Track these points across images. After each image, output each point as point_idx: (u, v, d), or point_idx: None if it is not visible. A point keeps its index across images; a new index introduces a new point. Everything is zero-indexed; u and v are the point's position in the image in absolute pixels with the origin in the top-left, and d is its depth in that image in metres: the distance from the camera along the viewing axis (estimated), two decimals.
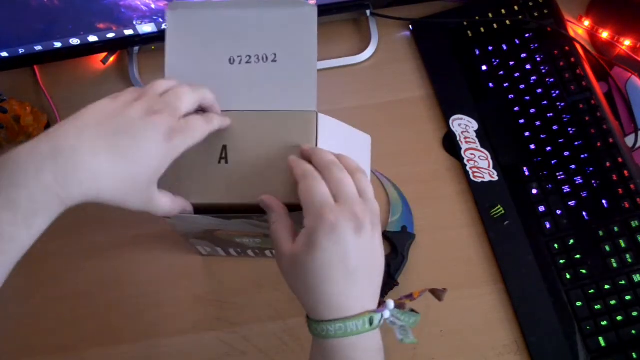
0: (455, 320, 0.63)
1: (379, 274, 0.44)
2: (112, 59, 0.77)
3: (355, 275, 0.41)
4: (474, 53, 0.73)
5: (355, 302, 0.41)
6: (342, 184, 0.42)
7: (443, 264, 0.65)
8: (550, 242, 0.65)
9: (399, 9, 0.76)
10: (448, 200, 0.68)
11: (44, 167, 0.36)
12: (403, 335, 0.47)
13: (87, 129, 0.40)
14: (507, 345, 0.62)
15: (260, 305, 0.64)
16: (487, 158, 0.69)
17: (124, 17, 0.65)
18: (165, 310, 0.65)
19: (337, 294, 0.41)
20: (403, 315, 0.45)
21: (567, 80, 0.71)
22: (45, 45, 0.67)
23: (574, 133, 0.68)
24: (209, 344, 0.63)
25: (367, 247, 0.42)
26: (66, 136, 0.39)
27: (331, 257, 0.40)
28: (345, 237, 0.40)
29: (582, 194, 0.66)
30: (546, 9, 0.74)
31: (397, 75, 0.74)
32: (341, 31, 0.77)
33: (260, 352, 0.63)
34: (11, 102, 0.71)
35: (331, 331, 0.40)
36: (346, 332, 0.40)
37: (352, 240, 0.41)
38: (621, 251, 0.64)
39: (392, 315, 0.44)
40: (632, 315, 0.61)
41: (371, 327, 0.41)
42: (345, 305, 0.41)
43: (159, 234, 0.68)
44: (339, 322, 0.40)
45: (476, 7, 0.76)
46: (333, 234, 0.40)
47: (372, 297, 0.43)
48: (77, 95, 0.75)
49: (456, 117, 0.71)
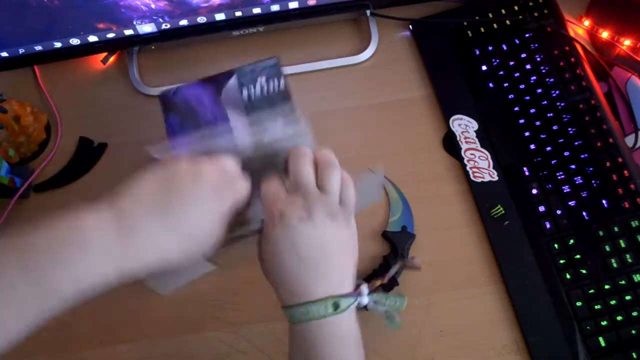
0: (455, 320, 0.63)
1: (345, 261, 0.45)
2: (112, 59, 0.77)
3: (310, 262, 0.43)
4: (474, 53, 0.73)
5: (316, 287, 0.43)
6: (299, 175, 0.45)
7: (443, 264, 0.65)
8: (550, 242, 0.65)
9: (399, 9, 0.76)
10: (448, 200, 0.68)
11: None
12: (388, 321, 0.49)
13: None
14: (507, 345, 0.62)
15: (260, 305, 0.64)
16: (487, 158, 0.69)
17: (124, 17, 0.65)
18: (166, 310, 0.65)
19: (295, 280, 0.43)
20: (388, 299, 0.47)
21: (567, 80, 0.71)
22: (45, 45, 0.67)
23: (574, 133, 0.68)
24: (209, 344, 0.63)
25: (318, 235, 0.43)
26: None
27: (283, 245, 0.43)
28: (292, 226, 0.43)
29: (582, 194, 0.66)
30: (546, 9, 0.74)
31: (397, 75, 0.74)
32: (341, 31, 0.77)
33: (260, 352, 0.63)
34: (11, 102, 0.71)
35: (296, 315, 0.42)
36: (309, 316, 0.42)
37: (301, 229, 0.43)
38: (621, 251, 0.64)
39: (374, 301, 0.46)
40: (632, 315, 0.61)
41: (336, 312, 0.42)
42: (307, 291, 0.43)
43: None
44: (302, 307, 0.42)
45: (476, 7, 0.76)
46: (281, 223, 0.43)
47: (337, 283, 0.44)
48: (77, 95, 0.75)
49: (456, 117, 0.71)
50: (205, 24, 0.69)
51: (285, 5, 0.69)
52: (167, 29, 0.69)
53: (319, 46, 0.76)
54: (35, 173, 0.71)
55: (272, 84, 0.53)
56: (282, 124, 0.51)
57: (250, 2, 0.67)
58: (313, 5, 0.70)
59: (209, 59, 0.76)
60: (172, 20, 0.68)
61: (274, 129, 0.51)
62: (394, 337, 0.63)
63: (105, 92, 0.76)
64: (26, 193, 0.70)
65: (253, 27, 0.72)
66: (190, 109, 0.52)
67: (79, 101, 0.75)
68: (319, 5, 0.70)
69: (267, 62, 0.53)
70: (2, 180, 0.66)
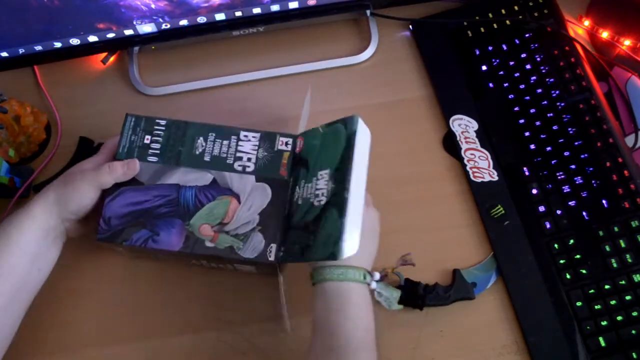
0: (455, 320, 0.63)
1: (374, 244, 0.57)
2: (112, 59, 0.77)
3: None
4: (474, 53, 0.73)
5: (355, 259, 0.50)
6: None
7: (443, 264, 0.65)
8: (550, 242, 0.65)
9: (399, 9, 0.76)
10: (448, 200, 0.68)
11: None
12: (388, 304, 0.60)
13: None
14: (507, 345, 0.62)
15: (260, 305, 0.64)
16: (487, 158, 0.69)
17: (124, 17, 0.65)
18: (165, 310, 0.65)
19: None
20: (387, 289, 0.60)
21: (567, 80, 0.71)
22: (45, 45, 0.67)
23: (574, 133, 0.68)
24: (209, 344, 0.63)
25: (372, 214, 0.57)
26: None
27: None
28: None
29: (582, 194, 0.66)
30: (546, 9, 0.74)
31: (397, 75, 0.74)
32: (341, 31, 0.77)
33: (260, 352, 0.63)
34: (11, 102, 0.71)
35: (334, 274, 0.52)
36: (347, 277, 0.52)
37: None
38: (621, 251, 0.64)
39: (378, 288, 0.58)
40: (632, 315, 0.61)
41: (364, 281, 0.53)
42: (348, 259, 0.49)
43: None
44: (341, 268, 0.52)
45: (476, 7, 0.76)
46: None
47: (367, 261, 0.55)
48: (77, 95, 0.75)
49: (456, 117, 0.71)
50: (205, 24, 0.69)
51: (285, 5, 0.69)
52: (167, 29, 0.69)
53: (319, 46, 0.76)
54: (35, 173, 0.70)
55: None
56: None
57: (250, 2, 0.67)
58: (313, 5, 0.70)
59: (209, 59, 0.76)
60: (172, 20, 0.68)
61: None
62: (394, 337, 0.63)
63: (105, 92, 0.76)
64: (26, 193, 0.69)
65: (253, 27, 0.72)
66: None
67: (79, 101, 0.75)
68: (319, 5, 0.70)
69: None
70: (2, 180, 0.66)
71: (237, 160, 0.58)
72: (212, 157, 0.58)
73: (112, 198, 0.57)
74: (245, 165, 0.58)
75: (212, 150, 0.58)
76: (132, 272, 0.66)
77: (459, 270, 0.64)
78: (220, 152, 0.58)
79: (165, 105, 0.74)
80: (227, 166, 0.58)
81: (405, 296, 0.61)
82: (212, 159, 0.58)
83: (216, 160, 0.58)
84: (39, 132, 0.72)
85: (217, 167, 0.58)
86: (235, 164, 0.58)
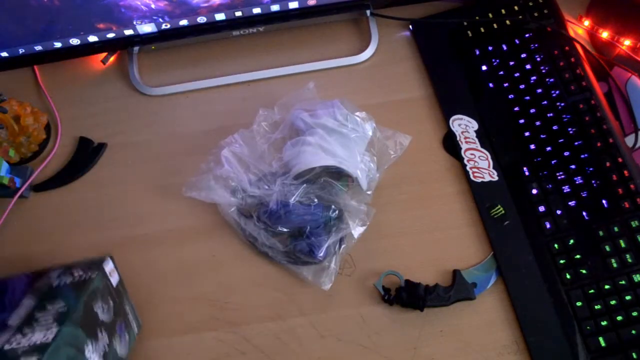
0: (455, 320, 0.63)
1: None
2: (112, 59, 0.77)
3: None
4: (474, 53, 0.73)
5: None
6: None
7: (443, 263, 0.65)
8: (550, 242, 0.65)
9: (399, 9, 0.76)
10: (448, 200, 0.68)
11: None
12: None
13: None
14: (507, 345, 0.62)
15: (260, 305, 0.64)
16: (487, 158, 0.69)
17: (124, 17, 0.65)
18: (165, 310, 0.65)
19: None
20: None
21: (567, 80, 0.71)
22: (45, 45, 0.67)
23: (574, 133, 0.68)
24: (209, 344, 0.63)
25: None
26: None
27: None
28: None
29: (582, 194, 0.66)
30: (546, 9, 0.74)
31: (397, 75, 0.74)
32: (341, 31, 0.77)
33: (260, 352, 0.63)
34: (11, 102, 0.71)
35: None
36: None
37: None
38: (621, 251, 0.64)
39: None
40: (632, 315, 0.61)
41: None
42: None
43: (158, 235, 0.68)
44: None
45: (476, 7, 0.76)
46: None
47: None
48: (77, 95, 0.75)
49: (456, 117, 0.71)
50: (205, 24, 0.69)
51: (285, 5, 0.69)
52: (167, 29, 0.69)
53: (319, 46, 0.77)
54: (35, 173, 0.70)
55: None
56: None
57: (250, 2, 0.67)
58: (313, 5, 0.70)
59: (209, 59, 0.76)
60: (172, 20, 0.68)
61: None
62: (394, 337, 0.63)
63: (105, 92, 0.76)
64: (26, 193, 0.70)
65: (253, 27, 0.72)
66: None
67: (79, 101, 0.75)
68: (319, 5, 0.70)
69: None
70: (2, 180, 0.66)
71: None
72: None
73: None
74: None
75: None
76: (132, 272, 0.66)
77: (459, 270, 0.64)
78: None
79: (165, 105, 0.74)
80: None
81: (405, 297, 0.61)
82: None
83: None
84: (39, 132, 0.72)
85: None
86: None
